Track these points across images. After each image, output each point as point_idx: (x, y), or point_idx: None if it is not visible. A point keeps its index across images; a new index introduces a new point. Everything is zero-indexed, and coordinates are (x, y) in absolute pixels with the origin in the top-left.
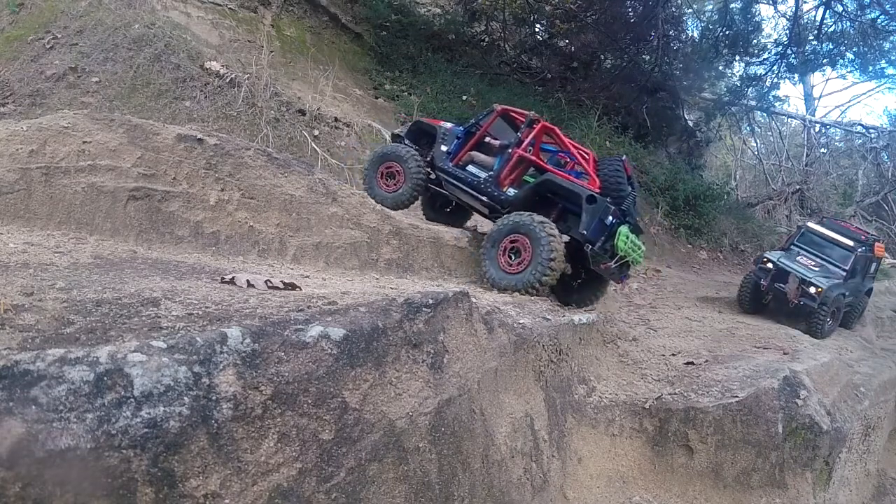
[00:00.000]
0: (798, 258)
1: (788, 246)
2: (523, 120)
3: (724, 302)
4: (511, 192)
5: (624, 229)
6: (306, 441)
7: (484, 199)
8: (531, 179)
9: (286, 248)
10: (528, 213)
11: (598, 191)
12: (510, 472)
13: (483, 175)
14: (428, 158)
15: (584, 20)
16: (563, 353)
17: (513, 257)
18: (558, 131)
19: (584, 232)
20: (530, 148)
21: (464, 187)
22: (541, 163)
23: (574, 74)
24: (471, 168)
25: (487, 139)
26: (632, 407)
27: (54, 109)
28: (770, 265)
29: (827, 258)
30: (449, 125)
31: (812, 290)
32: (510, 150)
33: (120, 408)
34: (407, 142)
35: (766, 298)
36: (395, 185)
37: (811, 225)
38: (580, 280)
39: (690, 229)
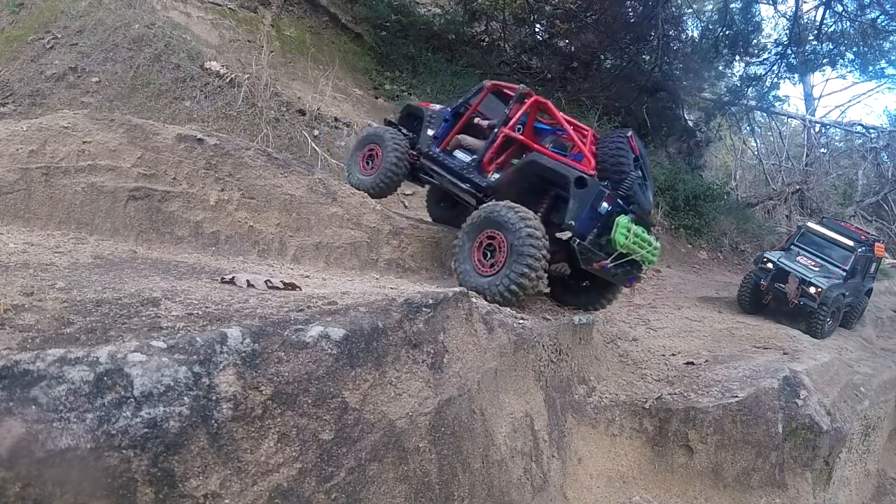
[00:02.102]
0: (798, 258)
1: (788, 246)
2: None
3: (724, 302)
4: (494, 177)
5: (623, 220)
6: (306, 441)
7: (465, 186)
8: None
9: (286, 248)
10: (505, 202)
11: (591, 172)
12: (510, 472)
13: (468, 159)
14: (416, 145)
15: (584, 20)
16: (563, 353)
17: (487, 256)
18: (552, 106)
19: (572, 222)
20: (520, 126)
21: (447, 175)
22: (527, 141)
23: (574, 74)
24: (457, 153)
25: (477, 120)
26: (632, 407)
27: (54, 109)
28: (770, 265)
29: (827, 258)
30: (437, 107)
31: (812, 290)
32: (496, 130)
33: (120, 408)
34: (399, 127)
35: (766, 298)
36: (373, 168)
37: (811, 225)
38: (587, 281)
39: (690, 229)
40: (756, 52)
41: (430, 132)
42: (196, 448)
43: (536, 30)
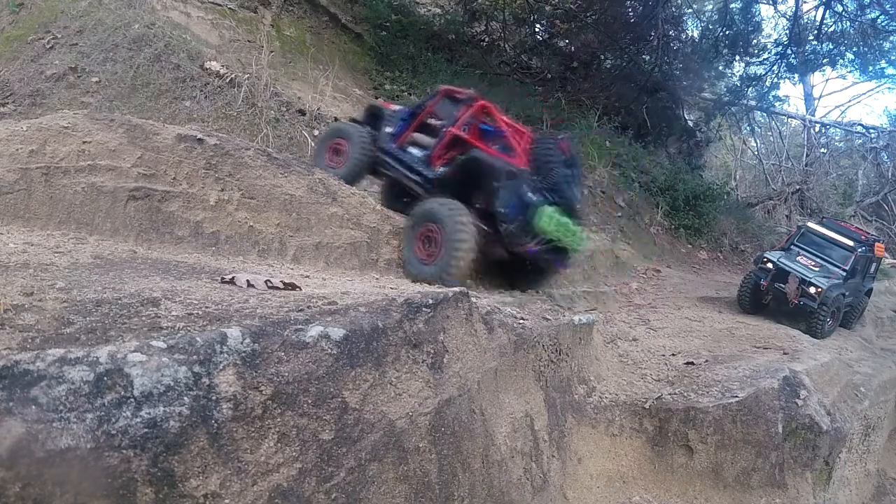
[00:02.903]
0: (798, 258)
1: (788, 246)
2: None
3: (724, 302)
4: (440, 170)
5: (548, 209)
6: (306, 441)
7: (416, 178)
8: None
9: (286, 248)
10: (441, 199)
11: (522, 167)
12: (510, 472)
13: (420, 154)
14: (376, 142)
15: (584, 20)
16: (563, 353)
17: (427, 246)
18: (494, 109)
19: (502, 209)
20: (465, 127)
21: (400, 167)
22: (471, 140)
23: (574, 74)
24: (411, 149)
25: (431, 121)
26: (632, 407)
27: (54, 109)
28: (770, 265)
29: (827, 258)
30: (397, 107)
31: (812, 290)
32: (444, 130)
33: (120, 408)
34: (363, 125)
35: (765, 298)
36: (339, 161)
37: (811, 225)
38: (530, 264)
39: (690, 229)
40: (756, 52)
41: (389, 130)
42: (196, 448)
43: (536, 30)
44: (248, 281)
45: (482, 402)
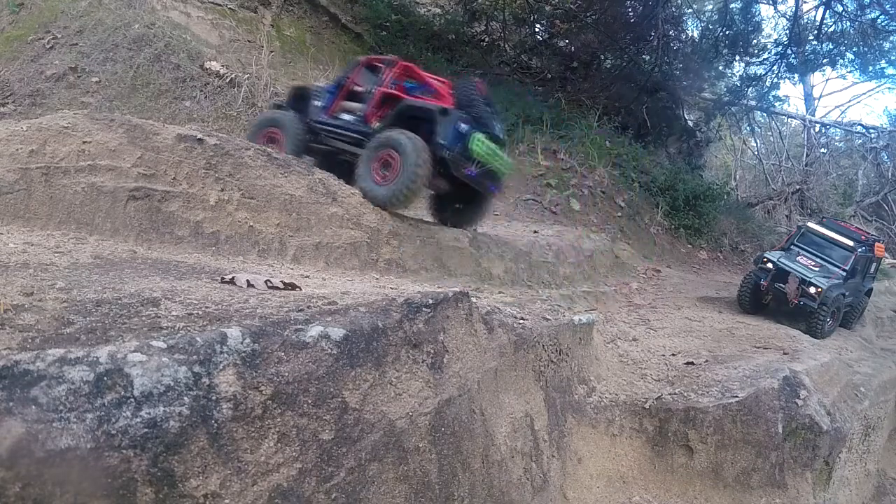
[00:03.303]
0: (798, 258)
1: (788, 246)
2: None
3: (724, 302)
4: (376, 125)
5: (478, 135)
6: (306, 441)
7: (355, 136)
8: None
9: (286, 248)
10: (399, 130)
11: (451, 106)
12: (510, 472)
13: (353, 118)
14: (308, 119)
15: (584, 20)
16: (563, 353)
17: (384, 171)
18: (415, 67)
19: (442, 141)
20: (392, 85)
21: (337, 132)
22: (400, 94)
23: (574, 74)
24: (343, 115)
25: (356, 89)
26: (632, 407)
27: (54, 109)
28: (770, 265)
29: (827, 258)
30: (321, 84)
31: (812, 290)
32: (373, 91)
33: (120, 408)
34: (288, 108)
35: (765, 298)
36: (275, 149)
37: (811, 225)
38: (459, 202)
39: (690, 229)
40: (756, 52)
41: (319, 104)
42: (196, 448)
43: (536, 30)
44: (248, 281)
45: (482, 402)
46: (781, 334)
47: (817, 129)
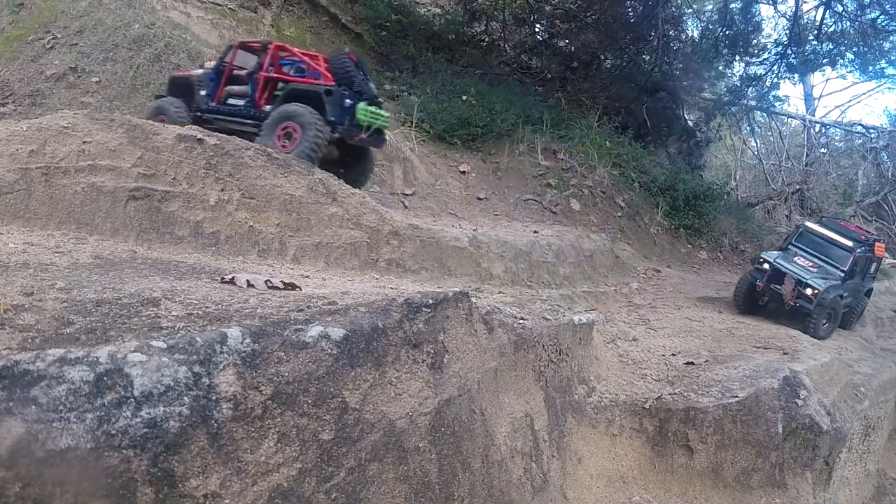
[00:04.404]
0: (795, 258)
1: (786, 246)
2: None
3: (724, 302)
4: (268, 108)
5: (362, 105)
6: (306, 441)
7: (249, 122)
8: (281, 93)
9: (286, 248)
10: (297, 104)
11: (332, 84)
12: (510, 472)
13: (242, 102)
14: (194, 106)
15: (584, 20)
16: (563, 353)
17: (286, 140)
18: (288, 46)
19: (333, 118)
20: (271, 68)
21: (230, 118)
22: (283, 77)
23: (574, 74)
24: (231, 100)
25: (237, 72)
26: (632, 407)
27: (54, 109)
28: (766, 266)
29: (825, 258)
30: (199, 71)
31: (808, 291)
32: (255, 76)
33: (120, 408)
34: (168, 98)
35: (762, 300)
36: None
37: (809, 224)
38: (343, 166)
39: (690, 229)
40: (756, 52)
41: (203, 92)
42: (196, 448)
43: (536, 30)
44: (248, 281)
45: (482, 402)
46: (781, 334)
47: (817, 129)
